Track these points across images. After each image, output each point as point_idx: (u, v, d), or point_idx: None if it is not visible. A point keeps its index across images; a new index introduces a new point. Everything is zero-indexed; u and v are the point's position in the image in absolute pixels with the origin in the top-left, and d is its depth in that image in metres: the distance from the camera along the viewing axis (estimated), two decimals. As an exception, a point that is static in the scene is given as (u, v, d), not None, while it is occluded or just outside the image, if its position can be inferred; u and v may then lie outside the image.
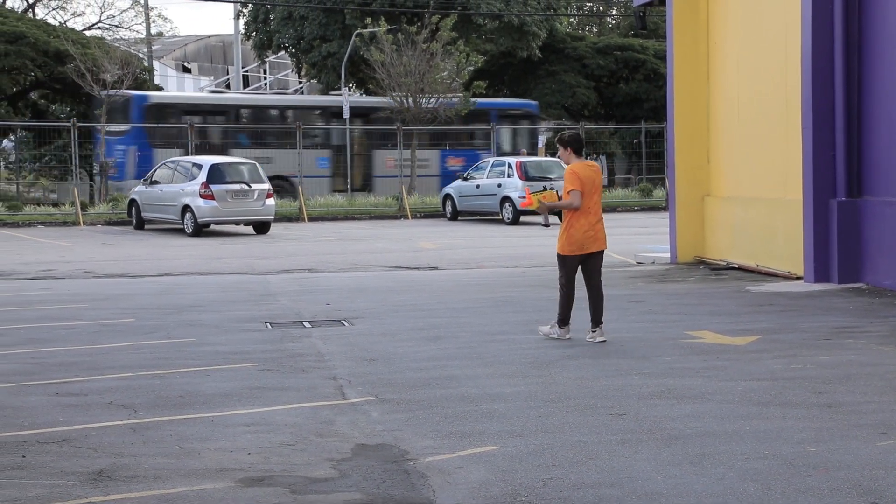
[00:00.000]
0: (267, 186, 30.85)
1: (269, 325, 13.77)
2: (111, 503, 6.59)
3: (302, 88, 65.81)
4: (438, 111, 41.76)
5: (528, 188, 14.09)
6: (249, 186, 30.33)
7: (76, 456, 7.63)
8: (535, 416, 8.62)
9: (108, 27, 57.94)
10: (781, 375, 10.00)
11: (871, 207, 16.39)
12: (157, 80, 52.79)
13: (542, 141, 44.80)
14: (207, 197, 29.77)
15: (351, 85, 53.27)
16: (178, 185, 30.87)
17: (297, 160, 38.25)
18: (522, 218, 34.36)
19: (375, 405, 9.14)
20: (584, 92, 52.97)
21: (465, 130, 44.57)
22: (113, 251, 25.82)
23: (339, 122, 43.56)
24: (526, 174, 34.09)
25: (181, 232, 30.56)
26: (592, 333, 12.03)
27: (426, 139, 43.71)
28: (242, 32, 58.46)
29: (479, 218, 36.61)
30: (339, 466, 7.34)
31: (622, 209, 40.47)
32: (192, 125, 38.20)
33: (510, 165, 34.76)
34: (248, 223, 31.23)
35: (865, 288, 16.17)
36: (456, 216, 36.73)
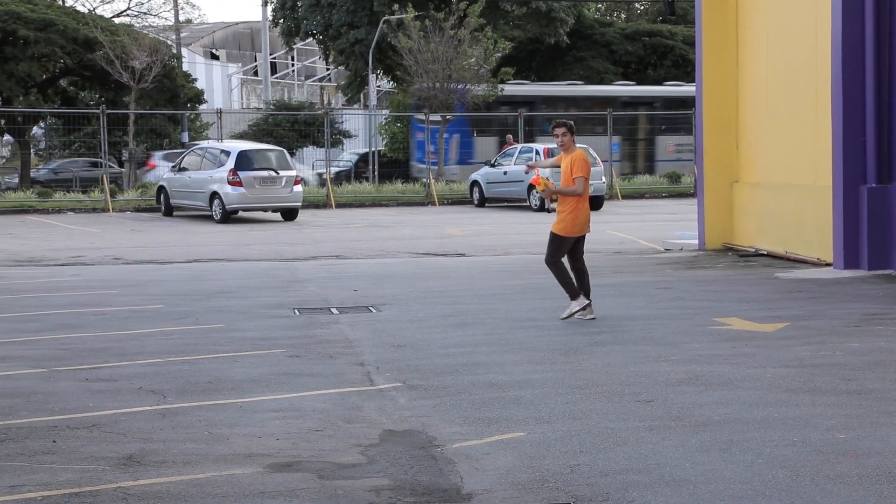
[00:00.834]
0: (294, 173, 30.88)
1: (296, 311, 13.80)
2: (141, 488, 6.63)
3: (329, 75, 65.85)
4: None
5: (537, 169, 14.30)
6: (277, 173, 30.36)
7: (106, 441, 7.67)
8: (562, 402, 8.61)
9: (136, 14, 58.23)
10: (810, 362, 9.95)
11: (901, 194, 16.27)
12: (185, 66, 52.92)
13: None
14: (235, 184, 29.84)
15: (378, 72, 53.27)
16: (206, 171, 30.95)
17: (603, 145, 40.29)
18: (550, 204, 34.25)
19: (403, 391, 9.16)
20: (611, 78, 52.78)
21: None
22: (142, 237, 25.94)
23: (631, 109, 47.17)
24: (554, 161, 33.96)
25: (209, 218, 30.67)
26: (583, 310, 12.43)
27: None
28: (270, 19, 58.56)
29: (506, 205, 36.56)
30: (366, 452, 7.35)
31: (650, 196, 40.33)
32: (521, 113, 41.55)
33: (538, 152, 34.67)
34: (275, 210, 31.28)
35: (895, 274, 16.07)
36: (483, 203, 36.68)
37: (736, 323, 12.20)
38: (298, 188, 30.91)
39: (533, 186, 36.42)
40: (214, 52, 79.22)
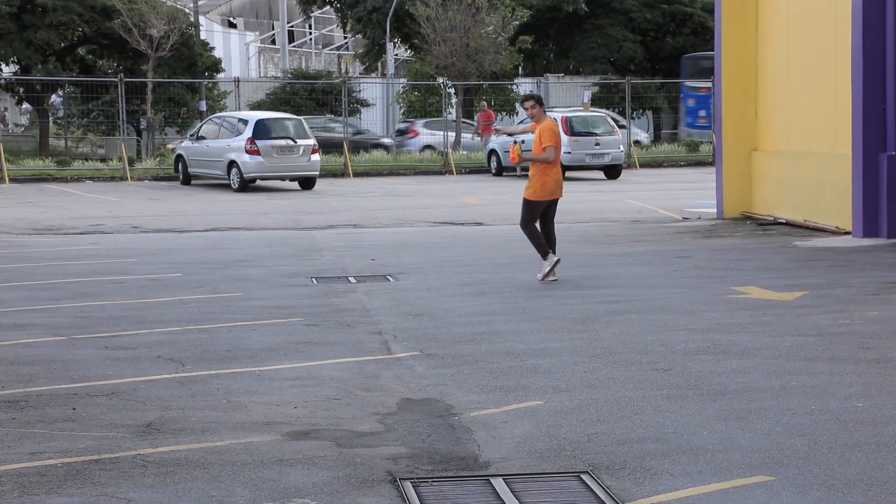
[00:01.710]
0: (312, 142, 30.85)
1: (314, 280, 13.83)
2: (160, 455, 6.67)
3: (347, 44, 65.68)
4: None
5: (512, 144, 14.55)
6: (295, 142, 30.34)
7: (125, 409, 7.72)
8: (579, 371, 8.62)
9: (153, -18, 57.94)
10: (829, 331, 9.93)
11: (921, 162, 16.18)
12: (202, 35, 52.83)
13: (587, 96, 44.39)
14: (253, 152, 29.83)
15: (396, 40, 53.11)
16: (224, 140, 30.94)
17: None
18: (568, 174, 34.19)
19: (420, 360, 9.18)
20: (630, 46, 52.47)
21: None
22: (160, 206, 25.99)
23: None
24: (571, 129, 33.88)
25: (227, 187, 30.70)
26: (551, 267, 13.05)
27: None
28: (287, -13, 58.33)
29: (525, 174, 36.45)
30: (384, 421, 7.38)
31: (668, 164, 40.18)
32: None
33: (555, 120, 34.56)
34: (293, 179, 31.27)
35: (915, 243, 16.01)
36: (501, 172, 36.63)
37: (754, 291, 12.17)
38: (316, 157, 30.87)
39: (493, 152, 36.93)
40: (232, 20, 79.06)
